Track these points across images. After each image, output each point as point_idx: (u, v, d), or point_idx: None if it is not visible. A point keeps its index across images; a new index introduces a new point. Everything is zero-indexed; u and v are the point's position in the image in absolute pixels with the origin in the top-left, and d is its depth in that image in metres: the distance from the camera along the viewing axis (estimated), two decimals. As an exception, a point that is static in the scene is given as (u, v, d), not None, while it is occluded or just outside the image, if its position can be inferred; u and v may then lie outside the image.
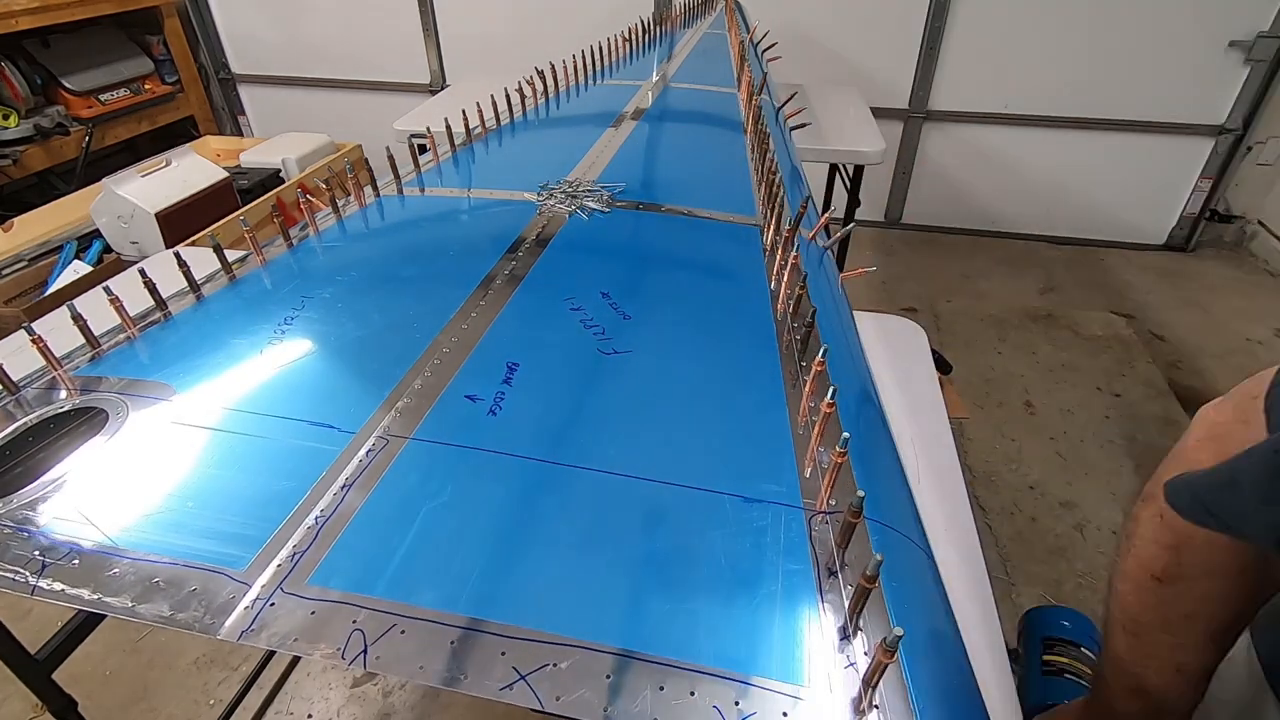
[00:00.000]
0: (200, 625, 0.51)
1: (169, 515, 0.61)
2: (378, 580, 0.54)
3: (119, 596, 0.53)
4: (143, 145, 3.90)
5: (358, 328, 0.87)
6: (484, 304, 0.92)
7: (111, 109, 3.59)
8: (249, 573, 0.55)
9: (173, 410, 0.73)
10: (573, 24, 3.78)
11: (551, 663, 0.49)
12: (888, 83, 3.61)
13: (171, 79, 3.98)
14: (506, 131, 1.63)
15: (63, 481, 0.64)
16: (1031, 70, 3.45)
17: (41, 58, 3.36)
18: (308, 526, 0.58)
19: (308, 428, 0.70)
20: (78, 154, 3.41)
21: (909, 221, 3.99)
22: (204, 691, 1.69)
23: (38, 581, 0.54)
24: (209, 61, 4.39)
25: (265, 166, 3.02)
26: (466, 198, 1.29)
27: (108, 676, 1.72)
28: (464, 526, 0.59)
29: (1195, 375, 2.75)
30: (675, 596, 0.54)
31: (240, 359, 0.82)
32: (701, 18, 3.13)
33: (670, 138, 1.71)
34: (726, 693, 0.48)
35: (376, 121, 2.98)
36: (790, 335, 0.87)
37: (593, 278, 1.00)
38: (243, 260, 1.05)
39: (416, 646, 0.49)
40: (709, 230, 1.19)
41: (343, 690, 1.69)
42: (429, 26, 4.01)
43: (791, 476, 0.66)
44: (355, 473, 0.64)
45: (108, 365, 0.81)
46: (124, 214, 2.35)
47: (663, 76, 2.19)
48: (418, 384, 0.76)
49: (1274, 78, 3.22)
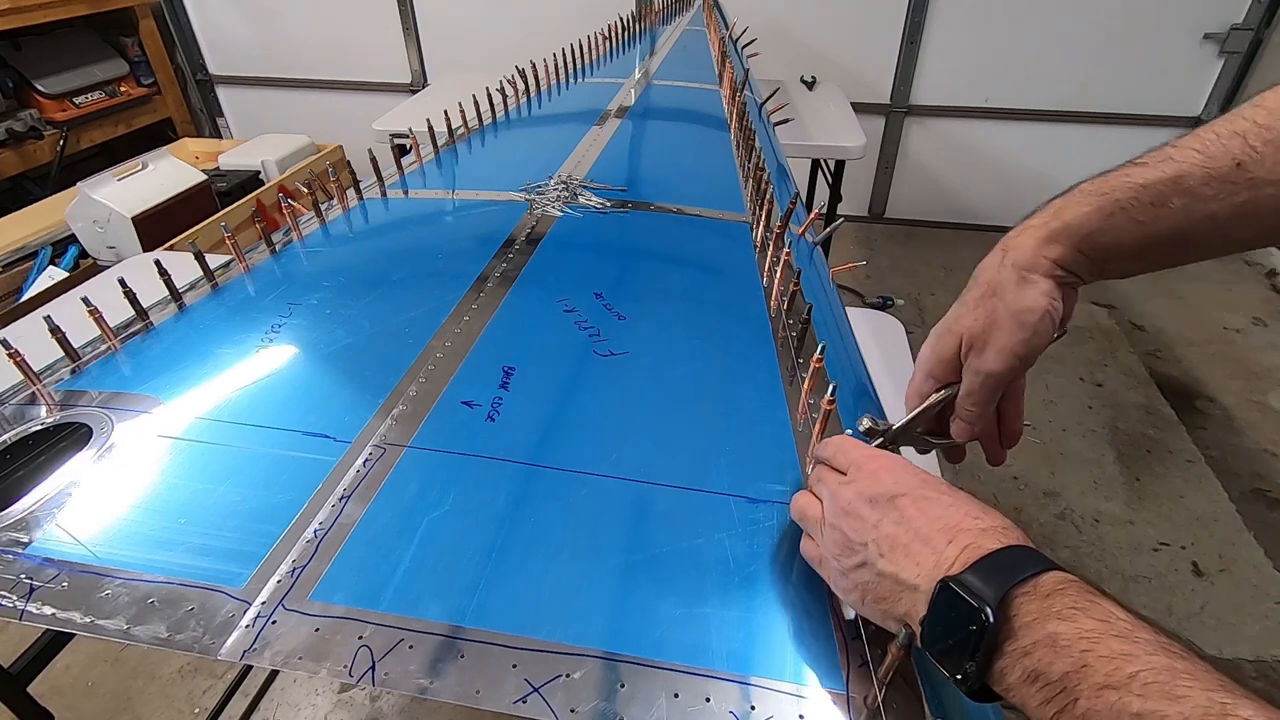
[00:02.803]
0: (200, 646, 0.49)
1: (161, 532, 0.59)
2: (382, 594, 0.53)
3: (113, 619, 0.51)
4: (120, 148, 3.82)
5: (348, 334, 0.86)
6: (476, 307, 0.91)
7: (86, 112, 3.51)
8: (248, 590, 0.53)
9: (159, 423, 0.71)
10: (554, 21, 3.76)
11: (564, 674, 0.48)
12: (869, 78, 3.62)
13: (148, 81, 3.90)
14: (489, 131, 1.61)
15: (47, 500, 0.62)
16: (1011, 64, 3.48)
17: (13, 60, 3.28)
18: (307, 540, 0.57)
19: (301, 438, 0.69)
20: (52, 158, 3.34)
21: (892, 216, 4.01)
22: (188, 701, 1.66)
23: (26, 606, 0.53)
24: (186, 63, 4.31)
25: (244, 169, 2.97)
26: (452, 199, 1.27)
27: (90, 688, 1.69)
28: (468, 536, 0.58)
29: (1174, 364, 2.79)
30: (685, 601, 0.54)
31: (228, 369, 0.80)
32: (681, 14, 3.12)
33: (655, 135, 1.70)
34: (741, 697, 0.47)
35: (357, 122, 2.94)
36: (785, 332, 0.87)
37: (585, 278, 0.99)
38: (225, 267, 1.03)
39: (425, 661, 0.48)
40: (699, 228, 1.18)
41: (329, 696, 1.67)
42: (409, 25, 3.97)
43: (794, 475, 0.66)
44: (353, 483, 0.63)
45: (89, 378, 0.79)
46: (100, 218, 2.31)
47: (645, 74, 2.18)
48: (413, 390, 0.75)
49: (1248, 69, 3.27)
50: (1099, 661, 0.35)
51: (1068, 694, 0.36)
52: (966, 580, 0.41)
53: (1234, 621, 1.84)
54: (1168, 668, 0.34)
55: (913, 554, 0.45)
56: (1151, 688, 0.33)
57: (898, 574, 0.45)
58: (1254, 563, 1.99)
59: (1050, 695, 0.36)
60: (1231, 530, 2.08)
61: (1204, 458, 2.33)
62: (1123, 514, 2.14)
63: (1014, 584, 0.40)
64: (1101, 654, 0.35)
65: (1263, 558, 1.99)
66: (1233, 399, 2.60)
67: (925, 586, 0.43)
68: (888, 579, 0.46)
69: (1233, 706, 0.31)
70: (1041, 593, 0.39)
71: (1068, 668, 0.36)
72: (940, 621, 0.42)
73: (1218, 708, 0.31)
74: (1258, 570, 1.96)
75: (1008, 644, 0.39)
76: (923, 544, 0.45)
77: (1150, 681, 0.33)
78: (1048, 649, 0.37)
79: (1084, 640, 0.36)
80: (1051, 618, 0.38)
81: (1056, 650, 0.37)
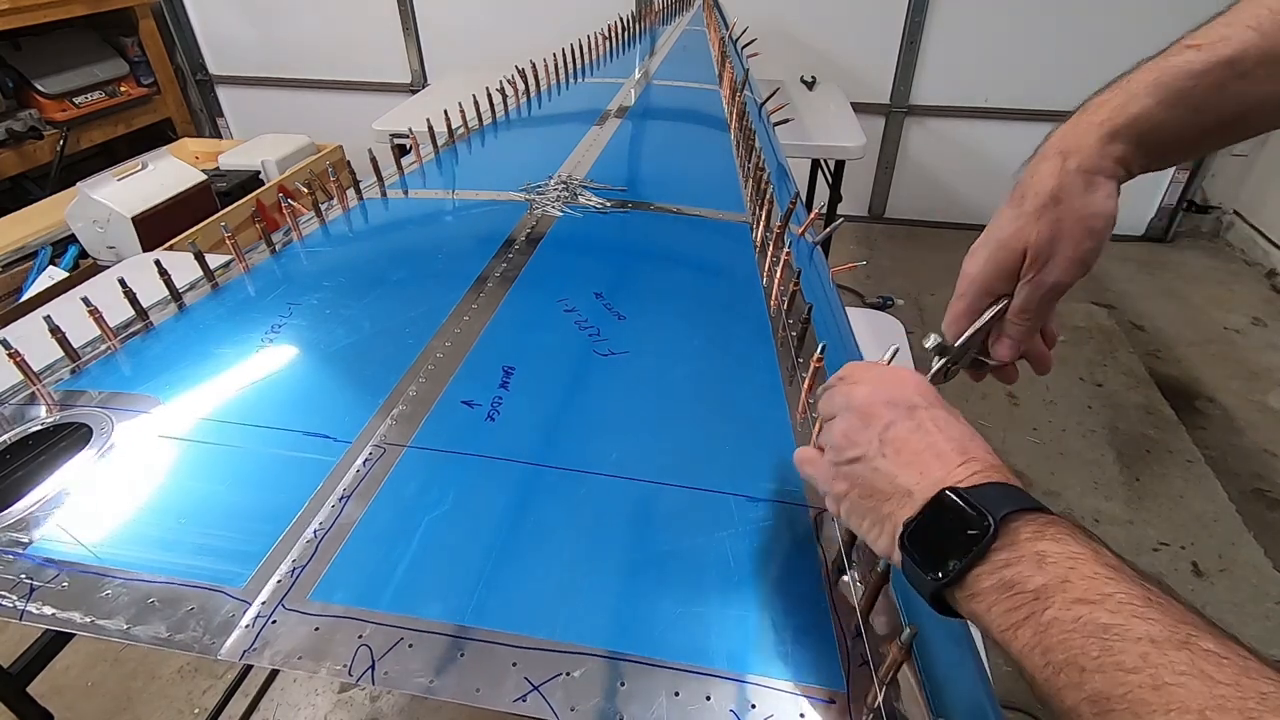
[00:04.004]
0: (200, 646, 0.49)
1: (161, 532, 0.59)
2: (382, 593, 0.53)
3: (113, 619, 0.51)
4: (120, 149, 3.81)
5: (348, 334, 0.86)
6: (476, 307, 0.91)
7: (86, 112, 3.51)
8: (248, 590, 0.53)
9: (159, 423, 0.71)
10: (554, 21, 3.76)
11: (564, 672, 0.48)
12: (869, 78, 3.62)
13: (148, 81, 3.90)
14: (489, 131, 1.62)
15: (47, 500, 0.62)
16: (1010, 64, 3.47)
17: (12, 60, 3.28)
18: (307, 540, 0.57)
19: (301, 438, 0.69)
20: (52, 158, 3.34)
21: (892, 216, 4.01)
22: (188, 701, 1.66)
23: (26, 606, 0.53)
24: (185, 63, 4.31)
25: (244, 169, 2.97)
26: (452, 199, 1.27)
27: (90, 688, 1.69)
28: (467, 535, 0.58)
29: (1174, 364, 2.79)
30: (685, 600, 0.54)
31: (228, 369, 0.80)
32: (681, 14, 3.12)
33: (655, 135, 1.70)
34: (742, 696, 0.47)
35: (357, 122, 2.94)
36: (786, 332, 0.87)
37: (585, 278, 0.99)
38: (225, 267, 1.03)
39: (425, 660, 0.48)
40: (698, 228, 1.18)
41: (329, 696, 1.67)
42: (409, 25, 3.97)
43: (794, 474, 0.65)
44: (353, 483, 0.63)
45: (89, 378, 0.79)
46: (100, 218, 2.30)
47: (645, 74, 2.18)
48: (413, 390, 0.75)
49: (1247, 69, 3.27)
50: (1079, 580, 0.36)
51: (1039, 603, 0.36)
52: (972, 493, 0.42)
53: (1234, 621, 1.84)
54: (1143, 596, 0.34)
55: (919, 462, 0.45)
56: (1124, 606, 0.34)
57: (895, 476, 0.46)
58: (1254, 563, 1.98)
59: (1019, 604, 0.37)
60: (1231, 530, 2.08)
61: (1204, 458, 2.33)
62: (1122, 514, 2.14)
63: (1016, 509, 0.40)
64: (1084, 574, 0.36)
65: (1263, 558, 1.99)
66: (1232, 399, 2.60)
67: (920, 495, 0.44)
68: (883, 476, 0.46)
69: (1197, 638, 0.32)
70: (1040, 521, 0.40)
71: (1047, 580, 0.37)
72: (931, 523, 0.43)
73: (1183, 632, 0.32)
74: (1258, 570, 1.96)
75: (995, 553, 0.39)
76: (934, 456, 0.45)
77: (1124, 602, 0.34)
78: (1032, 563, 0.38)
79: (1070, 560, 0.37)
80: (1045, 539, 0.39)
81: (1041, 565, 0.38)
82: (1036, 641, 0.36)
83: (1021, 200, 0.58)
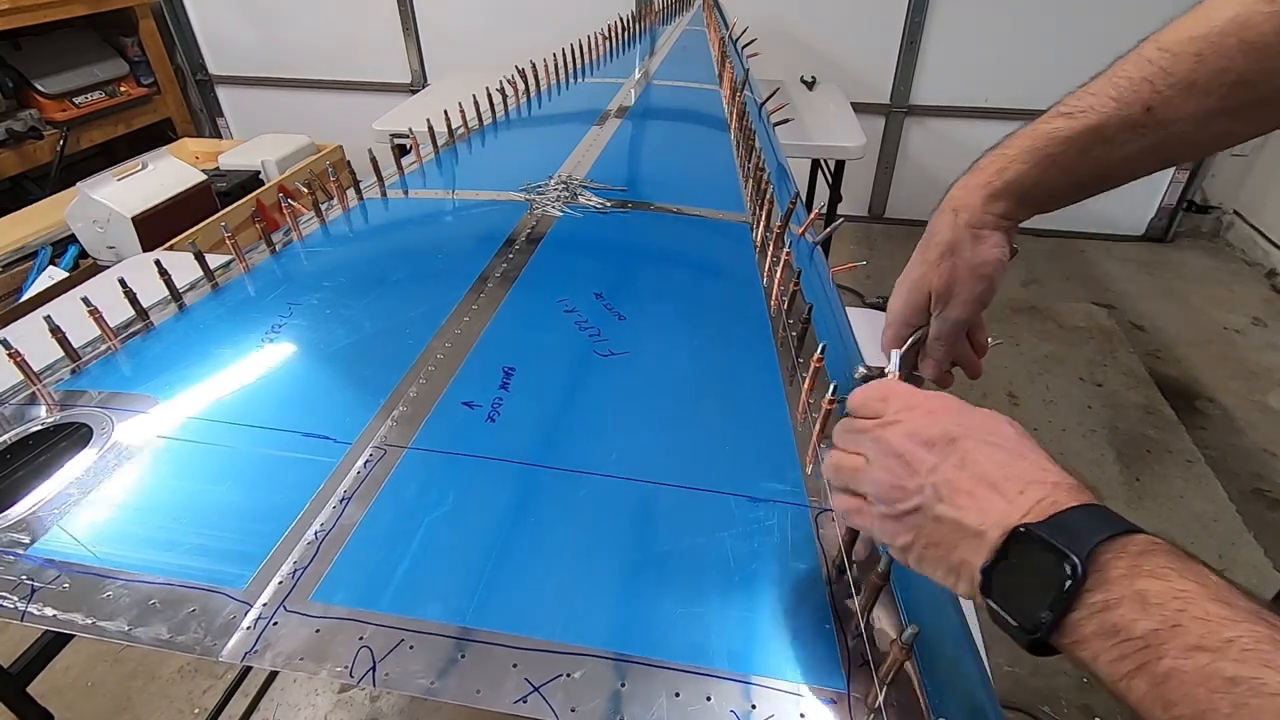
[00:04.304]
0: (201, 648, 0.49)
1: (161, 533, 0.59)
2: (382, 594, 0.53)
3: (114, 620, 0.51)
4: (120, 149, 3.81)
5: (348, 334, 0.86)
6: (476, 308, 0.91)
7: (86, 112, 3.51)
8: (249, 591, 0.53)
9: (160, 424, 0.71)
10: (554, 21, 3.76)
11: (564, 673, 0.48)
12: (869, 78, 3.62)
13: (148, 81, 3.90)
14: (489, 131, 1.61)
15: (47, 501, 0.62)
16: (1010, 64, 3.47)
17: (12, 60, 3.28)
18: (308, 541, 0.57)
19: (301, 439, 0.69)
20: (52, 158, 3.34)
21: (891, 216, 4.01)
22: (188, 701, 1.66)
23: (27, 607, 0.53)
24: (185, 63, 4.31)
25: (244, 169, 2.97)
26: (452, 199, 1.27)
27: (90, 688, 1.69)
28: (468, 536, 0.58)
29: (1174, 364, 2.79)
30: (685, 600, 0.54)
31: (228, 369, 0.80)
32: (681, 14, 3.12)
33: (655, 135, 1.70)
34: (742, 696, 0.47)
35: (357, 122, 2.94)
36: (786, 332, 0.87)
37: (585, 278, 0.99)
38: (225, 267, 1.03)
39: (426, 661, 0.48)
40: (698, 228, 1.18)
41: (329, 696, 1.67)
42: (409, 25, 3.97)
43: (795, 474, 0.66)
44: (354, 485, 0.63)
45: (89, 378, 0.79)
46: (99, 218, 2.30)
47: (645, 74, 2.18)
48: (413, 391, 0.75)
49: (1247, 69, 3.27)
50: (1193, 623, 0.33)
51: (1150, 651, 0.33)
52: (1048, 530, 0.39)
53: (1234, 621, 1.83)
54: (1269, 637, 0.31)
55: (978, 499, 0.42)
56: (1250, 654, 0.31)
57: (960, 519, 0.42)
58: (1254, 563, 1.98)
59: (1128, 652, 0.34)
60: (1231, 530, 2.08)
61: (1204, 458, 2.33)
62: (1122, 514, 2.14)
63: (1102, 539, 0.38)
64: (1196, 615, 0.33)
65: (1263, 558, 1.99)
66: (1232, 399, 2.60)
67: (992, 534, 0.41)
68: (947, 524, 0.43)
69: None
70: (1132, 550, 0.37)
71: (1155, 625, 0.34)
72: (1012, 570, 0.40)
73: None
74: (1258, 570, 1.96)
75: (1088, 596, 0.36)
76: (989, 490, 0.42)
77: (1250, 648, 0.31)
78: (1135, 605, 0.35)
79: (1177, 600, 0.34)
80: (1142, 575, 0.36)
81: (1145, 607, 0.35)
82: (1156, 695, 0.33)
83: (926, 249, 0.69)
